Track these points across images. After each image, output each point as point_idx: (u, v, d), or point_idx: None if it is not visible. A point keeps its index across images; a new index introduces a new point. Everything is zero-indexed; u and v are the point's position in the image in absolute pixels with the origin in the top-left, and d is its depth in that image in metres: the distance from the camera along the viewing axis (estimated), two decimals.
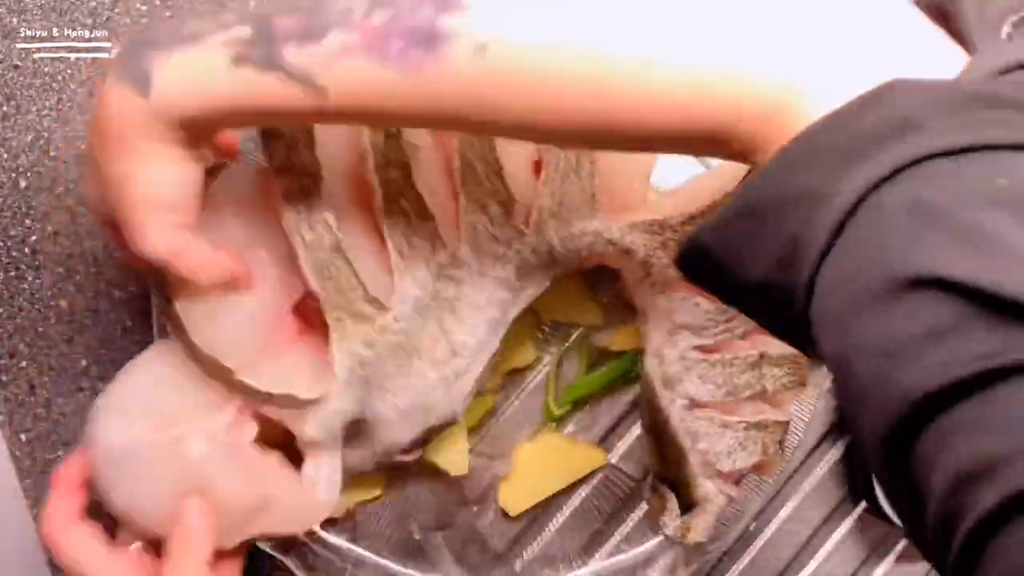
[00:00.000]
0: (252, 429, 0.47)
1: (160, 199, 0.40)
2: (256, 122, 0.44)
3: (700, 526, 0.51)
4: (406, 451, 0.51)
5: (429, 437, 0.51)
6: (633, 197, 0.51)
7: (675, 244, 0.49)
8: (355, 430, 0.49)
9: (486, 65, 0.34)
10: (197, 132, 0.39)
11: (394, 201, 0.47)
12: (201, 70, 0.37)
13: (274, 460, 0.47)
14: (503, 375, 0.56)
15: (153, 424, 0.45)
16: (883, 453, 0.26)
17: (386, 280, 0.47)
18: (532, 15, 0.33)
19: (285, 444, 0.48)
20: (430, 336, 0.49)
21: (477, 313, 0.49)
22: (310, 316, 0.48)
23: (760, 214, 0.30)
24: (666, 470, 0.51)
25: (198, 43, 0.37)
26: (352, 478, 0.51)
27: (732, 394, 0.50)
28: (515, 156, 0.48)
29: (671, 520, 0.51)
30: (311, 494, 0.48)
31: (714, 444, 0.50)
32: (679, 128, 0.33)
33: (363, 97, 0.36)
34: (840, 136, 0.28)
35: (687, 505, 0.51)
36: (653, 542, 0.55)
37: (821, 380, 0.57)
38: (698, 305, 0.50)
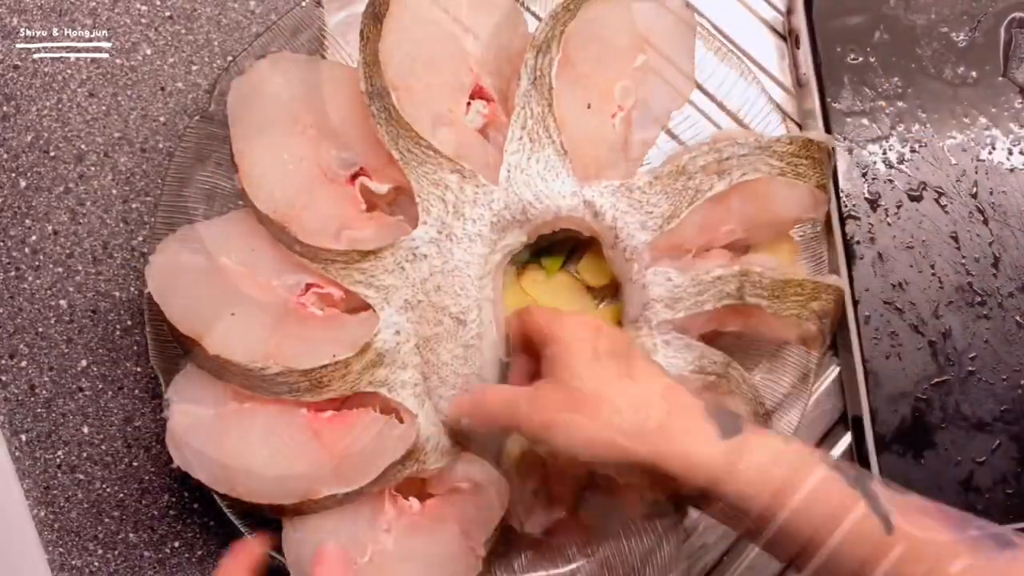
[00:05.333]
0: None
1: None
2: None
3: None
4: None
5: None
6: (602, 164, 0.51)
7: (641, 205, 0.51)
8: None
9: None
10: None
11: None
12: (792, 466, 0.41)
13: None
14: None
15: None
16: None
17: None
18: None
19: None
20: (434, 320, 0.50)
21: (459, 276, 0.50)
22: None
23: None
24: None
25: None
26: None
27: (700, 372, 0.51)
28: (445, 129, 0.50)
29: None
30: None
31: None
32: None
33: (917, 551, 0.38)
34: None
35: None
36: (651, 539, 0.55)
37: (817, 381, 0.57)
38: (670, 279, 0.51)
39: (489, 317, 0.51)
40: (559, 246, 0.56)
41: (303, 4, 0.55)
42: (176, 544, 0.56)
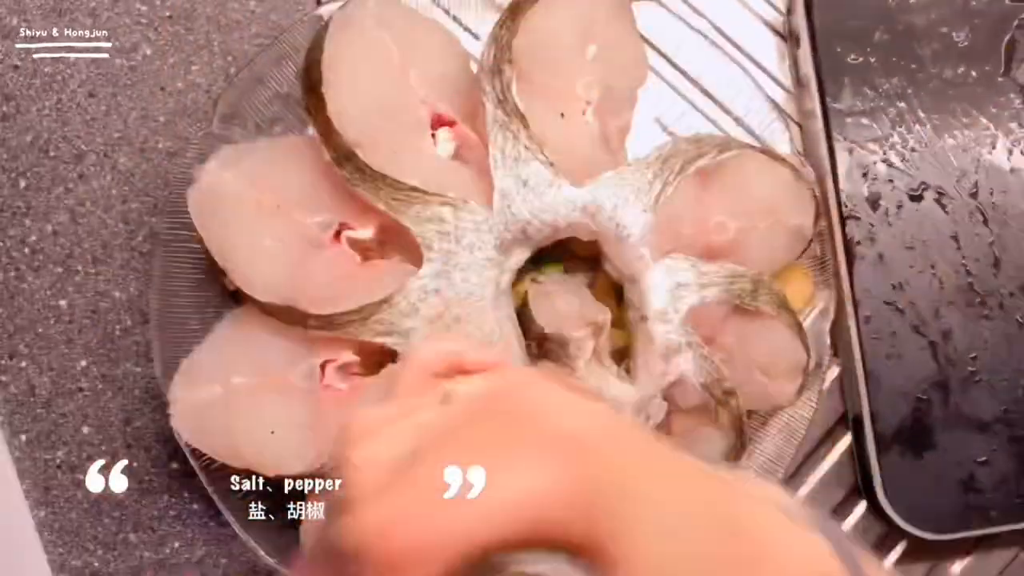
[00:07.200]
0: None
1: None
2: None
3: None
4: None
5: None
6: (590, 162, 0.52)
7: (636, 188, 0.51)
8: None
9: None
10: None
11: None
12: None
13: None
14: None
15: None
16: None
17: None
18: None
19: None
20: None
21: (476, 302, 0.50)
22: None
23: None
24: None
25: None
26: None
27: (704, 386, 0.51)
28: (418, 169, 0.50)
29: None
30: None
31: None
32: None
33: None
34: None
35: None
36: None
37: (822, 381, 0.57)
38: (674, 272, 0.51)
39: (509, 332, 0.51)
40: (556, 248, 0.56)
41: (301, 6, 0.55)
42: (176, 544, 0.56)
